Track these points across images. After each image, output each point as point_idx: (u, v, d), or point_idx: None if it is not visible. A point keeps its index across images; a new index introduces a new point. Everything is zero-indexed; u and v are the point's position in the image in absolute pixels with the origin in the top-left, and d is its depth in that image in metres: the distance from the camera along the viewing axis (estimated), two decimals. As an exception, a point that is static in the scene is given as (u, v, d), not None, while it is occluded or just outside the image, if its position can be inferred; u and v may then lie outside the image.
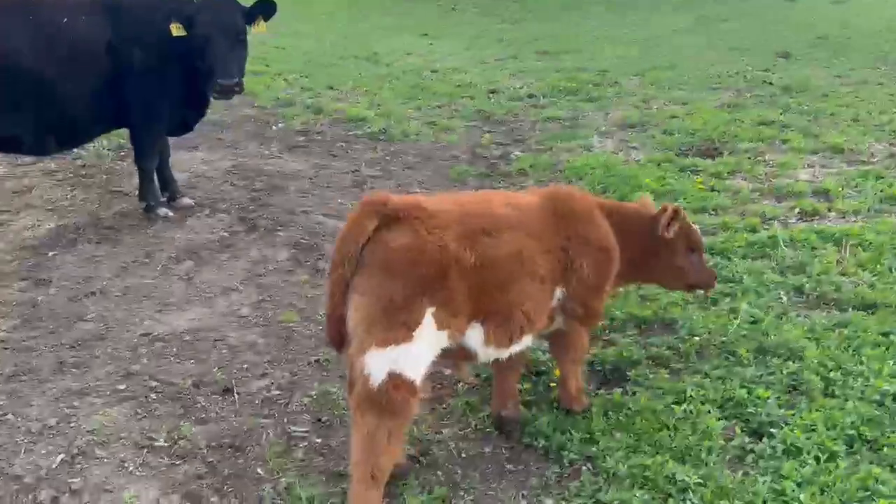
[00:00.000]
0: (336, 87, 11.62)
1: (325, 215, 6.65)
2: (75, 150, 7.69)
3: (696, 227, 4.08)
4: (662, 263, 3.95)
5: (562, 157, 8.48)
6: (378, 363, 3.09)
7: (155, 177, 6.64)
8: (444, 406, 4.18)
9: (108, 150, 8.25)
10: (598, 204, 3.87)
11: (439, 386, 4.34)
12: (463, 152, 8.83)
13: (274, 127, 9.51)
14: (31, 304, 5.19)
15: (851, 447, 3.65)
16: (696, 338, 4.61)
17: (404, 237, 3.16)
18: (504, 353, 3.59)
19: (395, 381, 3.10)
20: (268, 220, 6.48)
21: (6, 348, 4.60)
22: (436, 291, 3.16)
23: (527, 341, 3.65)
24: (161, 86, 6.09)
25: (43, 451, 3.63)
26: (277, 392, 4.23)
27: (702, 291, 4.54)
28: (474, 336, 3.41)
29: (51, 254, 6.04)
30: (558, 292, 3.66)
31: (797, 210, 6.63)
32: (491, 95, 11.67)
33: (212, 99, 6.35)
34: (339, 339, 3.24)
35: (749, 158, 8.08)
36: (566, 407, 4.02)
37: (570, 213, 3.65)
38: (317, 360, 4.54)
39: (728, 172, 7.65)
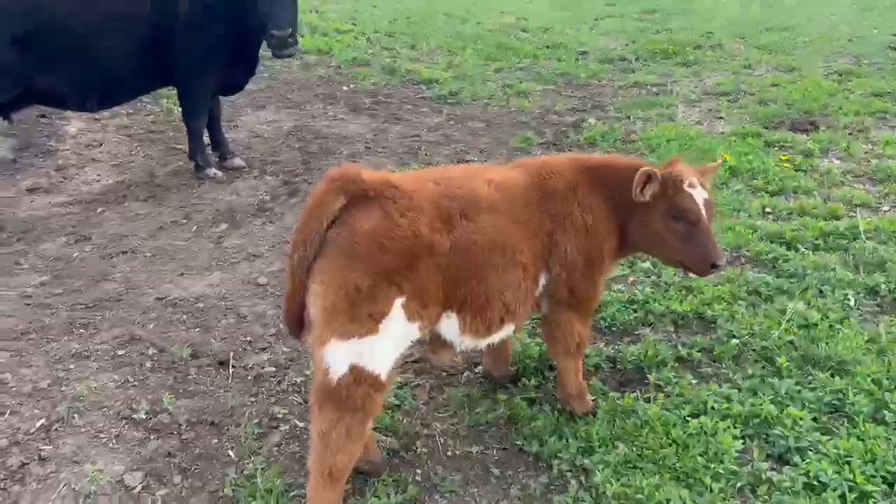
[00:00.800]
0: (417, 47, 11.32)
1: (370, 182, 6.40)
2: (125, 105, 7.73)
3: (697, 194, 3.27)
4: (643, 230, 3.39)
5: (638, 127, 7.89)
6: (339, 355, 2.84)
7: (204, 136, 6.60)
8: (444, 396, 3.90)
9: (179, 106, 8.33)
10: (589, 169, 3.42)
11: (444, 374, 4.07)
12: (533, 118, 8.37)
13: (344, 87, 9.34)
14: (65, 261, 5.27)
15: (891, 487, 3.10)
16: (735, 340, 4.10)
17: (373, 219, 2.85)
18: (483, 343, 3.29)
19: (358, 375, 2.85)
20: (311, 185, 6.32)
21: (28, 304, 4.67)
22: (406, 281, 2.86)
23: (508, 330, 3.33)
24: (207, 43, 5.99)
25: (27, 415, 3.62)
26: (272, 369, 4.07)
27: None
28: (449, 326, 3.12)
29: (99, 210, 6.13)
30: (543, 278, 3.32)
31: (891, 197, 5.83)
32: (579, 57, 11.07)
33: (272, 54, 6.17)
34: (298, 325, 3.00)
35: (849, 135, 7.22)
36: (566, 407, 3.66)
37: (555, 191, 3.28)
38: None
39: (820, 150, 6.86)
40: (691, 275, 3.79)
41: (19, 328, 4.38)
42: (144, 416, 3.64)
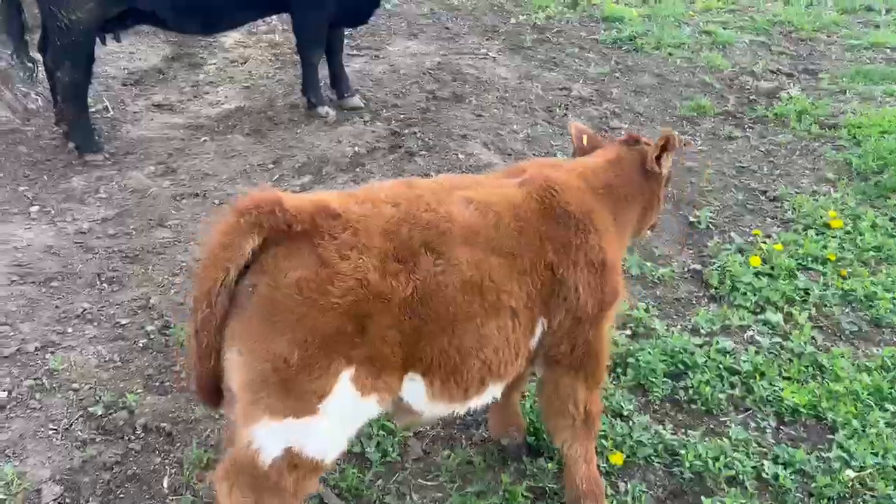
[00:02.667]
0: (618, -26, 9.87)
1: (484, 145, 5.53)
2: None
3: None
4: (648, 214, 2.89)
5: (850, 107, 6.19)
6: (271, 437, 2.16)
7: (318, 71, 6.03)
8: (440, 457, 3.13)
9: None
10: (599, 182, 2.68)
11: (458, 421, 3.28)
12: (720, 79, 6.89)
13: (512, 20, 8.31)
14: (140, 195, 5.03)
15: None
16: (851, 473, 2.88)
17: (302, 265, 2.09)
18: (462, 409, 2.51)
19: (294, 460, 2.19)
20: (417, 140, 5.57)
21: (77, 243, 4.48)
22: (353, 348, 2.12)
23: (494, 391, 2.51)
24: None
25: (-6, 382, 3.38)
26: (264, 375, 3.50)
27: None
28: (413, 391, 2.33)
29: (203, 139, 5.86)
30: (541, 326, 2.50)
31: None
32: (812, 4, 9.05)
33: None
34: (212, 395, 2.30)
35: None
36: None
37: (565, 214, 2.48)
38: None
39: None
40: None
41: (52, 270, 4.19)
42: (101, 412, 3.24)
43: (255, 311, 2.09)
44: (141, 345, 3.66)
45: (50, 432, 3.16)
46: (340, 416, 2.18)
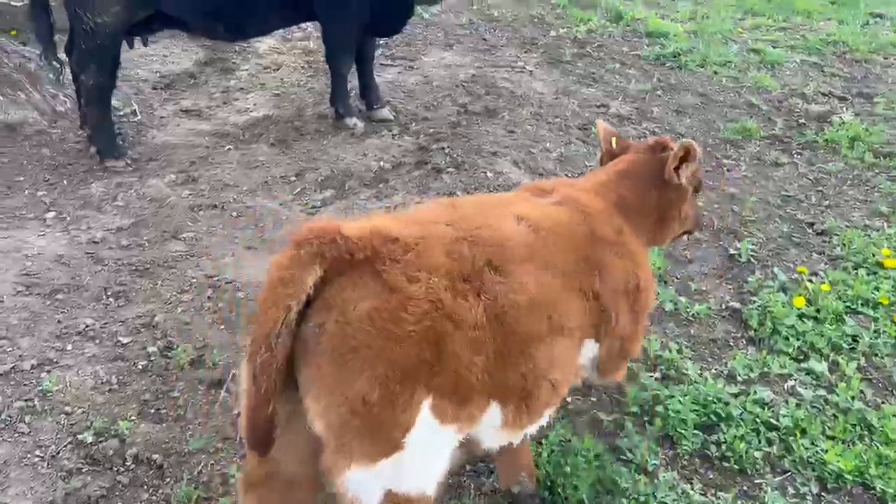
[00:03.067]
0: (662, -12, 9.56)
1: (514, 163, 5.29)
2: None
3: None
4: (669, 225, 2.80)
5: (909, 137, 5.82)
6: (366, 485, 2.02)
7: (347, 81, 5.85)
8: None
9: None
10: (624, 200, 2.65)
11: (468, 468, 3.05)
12: (768, 100, 6.56)
13: (552, 32, 8.06)
14: (157, 204, 4.89)
15: None
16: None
17: (370, 295, 1.94)
18: (518, 438, 2.45)
19: (399, 500, 2.04)
20: (445, 156, 5.35)
21: (88, 253, 4.34)
22: (433, 375, 1.98)
23: (547, 417, 2.46)
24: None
25: (-15, 402, 3.24)
26: (266, 405, 3.30)
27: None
28: (491, 419, 2.20)
29: (227, 147, 5.72)
30: (590, 348, 2.51)
31: None
32: (870, 21, 8.65)
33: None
34: (265, 443, 2.05)
35: None
36: None
37: (602, 235, 2.45)
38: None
39: None
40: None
41: (59, 282, 4.05)
42: (91, 440, 3.07)
43: (327, 350, 1.94)
44: (140, 367, 3.49)
45: (36, 459, 3.00)
46: (425, 447, 2.04)
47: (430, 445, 2.06)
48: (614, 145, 2.87)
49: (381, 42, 7.36)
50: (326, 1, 5.29)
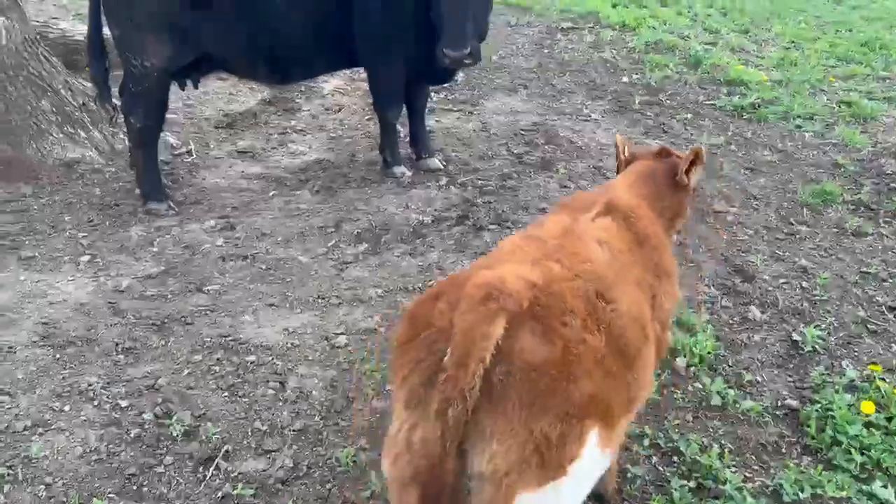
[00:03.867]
0: (752, 33, 9.03)
1: (562, 222, 4.93)
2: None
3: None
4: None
5: None
6: None
7: (397, 130, 5.67)
8: None
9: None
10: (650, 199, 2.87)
11: None
12: (856, 160, 5.99)
13: (625, 79, 7.68)
14: (191, 251, 4.80)
15: None
16: None
17: (540, 341, 2.06)
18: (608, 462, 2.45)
19: None
20: (490, 211, 5.07)
21: (111, 302, 4.26)
22: (596, 407, 2.12)
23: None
24: (395, 18, 4.97)
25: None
26: (252, 492, 3.07)
27: None
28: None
29: (271, 193, 5.62)
30: None
31: None
32: None
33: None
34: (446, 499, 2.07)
35: None
36: None
37: (647, 237, 2.65)
38: (362, 450, 3.25)
39: None
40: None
41: (74, 333, 3.97)
42: (59, 521, 2.91)
43: (513, 397, 2.01)
44: (132, 435, 3.32)
45: (2, 539, 2.86)
46: (587, 470, 2.17)
47: (588, 470, 2.19)
48: (626, 154, 3.10)
49: (446, 85, 7.19)
50: (369, 48, 5.12)
